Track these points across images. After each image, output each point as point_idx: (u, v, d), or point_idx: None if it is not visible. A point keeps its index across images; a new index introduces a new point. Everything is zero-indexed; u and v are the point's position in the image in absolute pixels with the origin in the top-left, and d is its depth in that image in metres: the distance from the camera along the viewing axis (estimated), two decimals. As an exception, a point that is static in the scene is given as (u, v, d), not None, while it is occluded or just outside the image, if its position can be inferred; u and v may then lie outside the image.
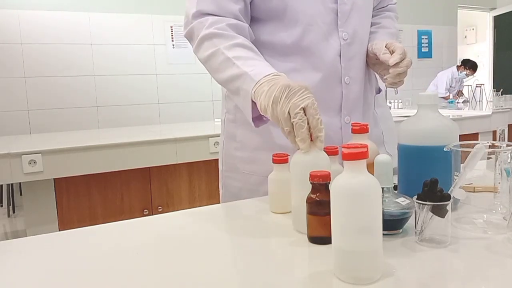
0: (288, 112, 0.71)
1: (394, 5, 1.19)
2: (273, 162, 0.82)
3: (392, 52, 0.94)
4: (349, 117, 0.99)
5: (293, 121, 0.70)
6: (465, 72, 5.62)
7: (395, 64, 0.92)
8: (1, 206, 3.96)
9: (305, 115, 0.70)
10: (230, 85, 0.87)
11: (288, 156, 0.82)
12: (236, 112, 1.02)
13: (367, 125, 0.80)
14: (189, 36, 0.98)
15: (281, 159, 0.82)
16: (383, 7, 1.16)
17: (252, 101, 0.81)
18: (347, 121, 0.99)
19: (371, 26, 1.08)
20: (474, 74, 5.70)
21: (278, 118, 0.73)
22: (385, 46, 0.96)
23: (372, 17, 1.10)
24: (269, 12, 0.95)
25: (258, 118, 0.86)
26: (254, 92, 0.79)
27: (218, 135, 2.23)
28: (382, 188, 0.60)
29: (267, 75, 0.79)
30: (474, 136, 2.96)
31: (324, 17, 0.95)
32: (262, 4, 0.94)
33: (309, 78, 0.94)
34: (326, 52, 0.95)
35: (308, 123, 0.70)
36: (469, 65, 5.64)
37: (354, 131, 0.80)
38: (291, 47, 0.95)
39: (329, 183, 0.64)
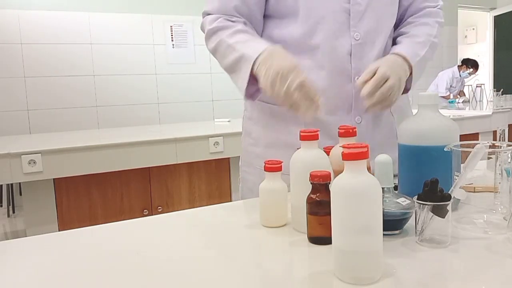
0: (285, 91, 0.80)
1: (435, 8, 1.07)
2: (264, 170, 0.76)
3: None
4: (360, 117, 0.99)
5: (293, 98, 0.80)
6: (467, 71, 5.61)
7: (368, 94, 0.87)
8: (1, 206, 3.96)
9: (300, 90, 0.80)
10: (234, 68, 0.93)
11: (282, 164, 0.76)
12: (253, 109, 1.08)
13: (355, 128, 0.76)
14: (204, 34, 1.03)
15: (273, 166, 0.75)
16: (420, 10, 1.07)
17: (252, 76, 0.89)
18: (358, 121, 0.99)
19: (401, 34, 1.04)
20: (477, 73, 5.70)
21: (279, 97, 0.82)
22: (372, 69, 0.90)
23: (407, 23, 1.05)
24: (282, 9, 0.98)
25: (252, 94, 0.94)
26: (256, 69, 0.87)
27: (218, 135, 2.24)
28: (383, 188, 0.60)
29: (261, 53, 0.87)
30: (475, 136, 2.96)
31: (336, 16, 0.96)
32: (275, 3, 0.98)
33: (317, 76, 0.96)
34: (335, 50, 0.96)
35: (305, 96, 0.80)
36: (471, 64, 5.64)
37: (340, 135, 0.76)
38: (302, 44, 0.97)
39: (329, 183, 0.64)
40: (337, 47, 0.96)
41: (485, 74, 6.97)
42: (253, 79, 0.89)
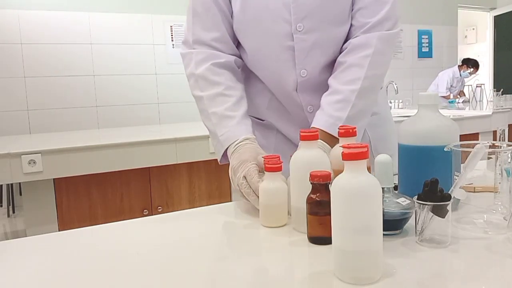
0: (236, 183, 0.84)
1: (375, 21, 0.93)
2: (264, 170, 0.75)
3: None
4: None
5: (242, 190, 0.82)
6: (468, 71, 5.61)
7: None
8: (1, 206, 3.96)
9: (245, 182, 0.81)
10: (211, 134, 0.97)
11: (282, 163, 0.76)
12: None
13: (355, 128, 0.76)
14: (183, 60, 1.04)
15: (273, 166, 0.74)
16: (361, 27, 0.94)
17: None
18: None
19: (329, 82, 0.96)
20: (477, 72, 5.70)
21: (237, 187, 0.84)
22: None
23: (337, 64, 0.95)
24: (241, 39, 1.01)
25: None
26: (227, 155, 0.92)
27: (218, 135, 2.23)
28: (383, 188, 0.60)
29: (230, 144, 0.91)
30: (475, 136, 2.96)
31: (280, 54, 0.96)
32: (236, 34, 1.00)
33: (274, 102, 1.04)
34: (282, 86, 0.99)
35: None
36: (472, 63, 5.64)
37: (340, 135, 0.76)
38: (253, 73, 1.02)
39: (329, 183, 0.64)
40: (283, 84, 0.98)
41: (485, 74, 6.97)
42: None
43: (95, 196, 2.09)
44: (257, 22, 0.95)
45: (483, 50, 7.30)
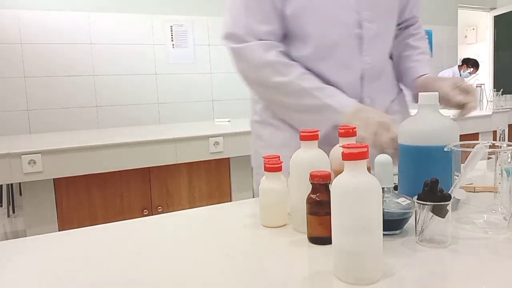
0: (389, 139, 0.86)
1: (419, 20, 1.19)
2: (264, 170, 0.75)
3: (462, 91, 0.98)
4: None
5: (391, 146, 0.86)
6: (468, 71, 5.60)
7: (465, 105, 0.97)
8: (1, 206, 3.95)
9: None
10: (311, 111, 0.96)
11: (282, 164, 0.75)
12: (262, 113, 1.11)
13: (355, 128, 0.77)
14: (240, 54, 1.00)
15: (273, 166, 0.74)
16: (410, 22, 1.17)
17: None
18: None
19: (409, 48, 1.12)
20: (477, 72, 5.69)
21: (381, 146, 0.87)
22: (456, 85, 0.98)
23: (404, 37, 1.14)
24: (296, 30, 1.00)
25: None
26: (344, 120, 0.91)
27: (217, 135, 2.23)
28: (383, 188, 0.60)
29: (348, 107, 0.93)
30: (475, 136, 2.96)
31: (347, 42, 0.99)
32: (289, 24, 0.99)
33: None
34: (347, 75, 1.00)
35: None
36: (471, 63, 5.63)
37: (340, 135, 0.76)
38: (312, 68, 1.00)
39: (329, 183, 0.64)
40: (348, 72, 1.00)
41: (485, 74, 6.96)
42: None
43: (95, 196, 2.09)
44: (323, 10, 0.96)
45: (483, 50, 7.30)
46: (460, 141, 0.74)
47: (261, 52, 0.97)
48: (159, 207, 2.23)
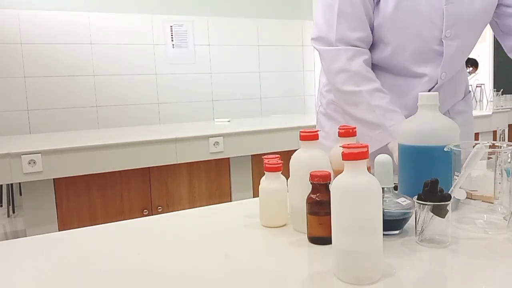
0: None
1: None
2: (264, 170, 0.75)
3: None
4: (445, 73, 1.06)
5: None
6: (467, 71, 5.60)
7: None
8: (1, 206, 3.95)
9: None
10: (367, 124, 1.01)
11: (282, 164, 0.75)
12: (327, 107, 1.21)
13: (355, 128, 0.79)
14: (325, 56, 1.07)
15: (273, 166, 0.74)
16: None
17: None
18: (443, 77, 1.05)
19: None
20: (477, 71, 5.69)
21: None
22: None
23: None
24: (377, 39, 1.05)
25: None
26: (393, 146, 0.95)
27: (217, 135, 2.23)
28: (383, 188, 0.60)
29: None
30: (475, 136, 2.95)
31: (425, 58, 1.02)
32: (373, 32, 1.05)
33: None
34: (418, 85, 1.04)
35: None
36: (471, 63, 5.63)
37: (340, 135, 0.79)
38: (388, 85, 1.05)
39: (329, 183, 0.64)
40: (421, 84, 1.03)
41: (485, 74, 6.96)
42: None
43: (95, 196, 2.09)
44: (408, 24, 0.99)
45: (483, 50, 7.29)
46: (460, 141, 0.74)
47: (345, 58, 1.01)
48: (159, 207, 2.23)
